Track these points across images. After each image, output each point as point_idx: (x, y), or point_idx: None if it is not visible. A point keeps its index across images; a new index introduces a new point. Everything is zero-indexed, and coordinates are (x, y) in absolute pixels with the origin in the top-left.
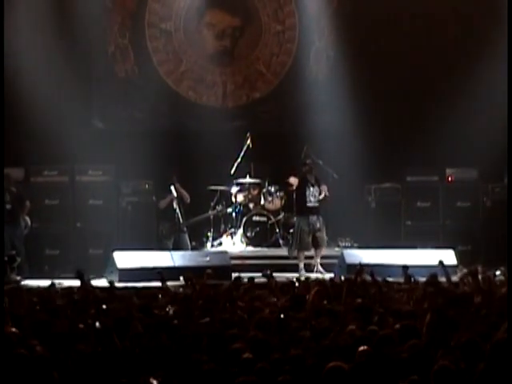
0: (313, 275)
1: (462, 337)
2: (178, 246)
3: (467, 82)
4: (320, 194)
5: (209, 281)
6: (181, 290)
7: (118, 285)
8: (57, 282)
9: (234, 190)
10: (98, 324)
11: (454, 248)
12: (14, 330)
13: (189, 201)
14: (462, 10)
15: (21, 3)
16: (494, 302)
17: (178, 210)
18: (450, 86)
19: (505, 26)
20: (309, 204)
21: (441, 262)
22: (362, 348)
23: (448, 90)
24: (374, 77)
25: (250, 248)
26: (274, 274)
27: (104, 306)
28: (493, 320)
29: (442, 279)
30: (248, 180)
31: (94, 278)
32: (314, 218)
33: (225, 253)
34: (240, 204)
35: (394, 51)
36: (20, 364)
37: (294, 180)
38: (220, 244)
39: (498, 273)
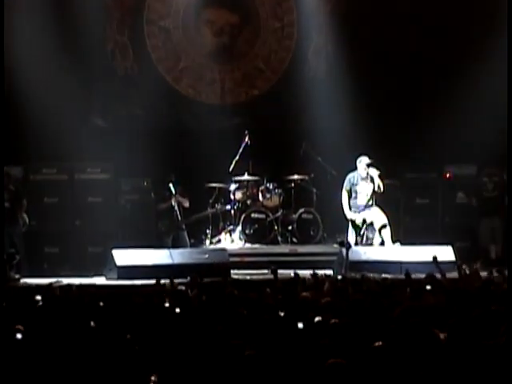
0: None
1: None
2: (177, 244)
3: (466, 78)
4: (373, 189)
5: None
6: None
7: (117, 282)
8: (55, 280)
9: (233, 187)
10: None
11: (452, 244)
12: (19, 327)
13: (187, 205)
14: (461, 9)
15: (20, 1)
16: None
17: (176, 208)
18: (449, 83)
19: (504, 25)
20: (360, 200)
21: (434, 258)
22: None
23: (447, 86)
24: (373, 73)
25: (249, 245)
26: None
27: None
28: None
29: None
30: (246, 177)
31: (93, 276)
32: (365, 214)
33: (223, 250)
34: (238, 201)
35: (393, 48)
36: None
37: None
38: (218, 241)
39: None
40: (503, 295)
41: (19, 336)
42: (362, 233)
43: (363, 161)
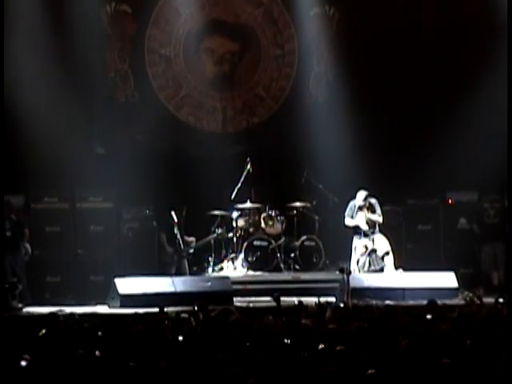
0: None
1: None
2: (178, 272)
3: (467, 104)
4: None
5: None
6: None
7: (120, 311)
8: (57, 309)
9: (235, 214)
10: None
11: (455, 270)
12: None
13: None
14: (461, 36)
15: (20, 28)
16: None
17: (178, 236)
18: (450, 110)
19: (504, 49)
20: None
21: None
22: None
23: (448, 113)
24: (373, 101)
25: (251, 273)
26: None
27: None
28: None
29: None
30: (249, 205)
31: (96, 305)
32: (366, 240)
33: (226, 278)
34: (241, 228)
35: (394, 75)
36: None
37: None
38: (221, 269)
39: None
40: (504, 321)
41: (23, 364)
42: (364, 259)
43: (358, 198)
